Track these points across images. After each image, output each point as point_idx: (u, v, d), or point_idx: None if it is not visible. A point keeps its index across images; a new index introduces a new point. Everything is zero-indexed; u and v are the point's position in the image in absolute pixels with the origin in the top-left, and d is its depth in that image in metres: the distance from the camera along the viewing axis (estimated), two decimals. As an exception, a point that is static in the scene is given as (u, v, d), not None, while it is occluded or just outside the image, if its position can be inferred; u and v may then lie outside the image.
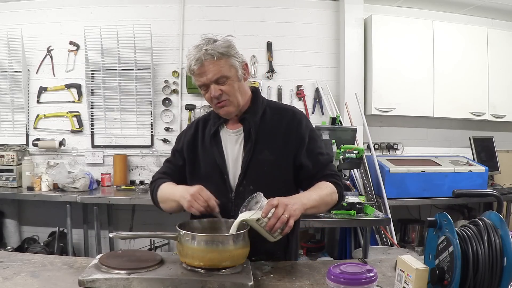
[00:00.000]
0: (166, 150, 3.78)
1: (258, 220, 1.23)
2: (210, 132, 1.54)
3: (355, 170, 3.40)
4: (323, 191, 1.44)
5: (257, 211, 1.24)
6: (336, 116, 3.15)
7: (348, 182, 3.13)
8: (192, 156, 1.57)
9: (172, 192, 1.45)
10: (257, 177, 1.47)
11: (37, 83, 3.79)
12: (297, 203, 1.29)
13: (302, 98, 3.93)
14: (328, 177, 1.49)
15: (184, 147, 1.59)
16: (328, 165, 1.54)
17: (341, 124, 3.24)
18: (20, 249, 3.52)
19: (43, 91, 3.80)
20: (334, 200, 1.48)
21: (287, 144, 1.49)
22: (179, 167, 1.59)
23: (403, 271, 1.11)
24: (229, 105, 1.46)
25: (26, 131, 3.79)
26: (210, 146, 1.53)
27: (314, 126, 1.63)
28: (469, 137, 3.89)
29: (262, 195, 1.28)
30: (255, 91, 1.59)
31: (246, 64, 1.50)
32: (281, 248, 1.52)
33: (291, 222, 1.23)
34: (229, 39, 1.46)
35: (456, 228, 1.08)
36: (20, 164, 3.50)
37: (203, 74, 1.41)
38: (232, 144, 1.53)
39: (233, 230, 1.26)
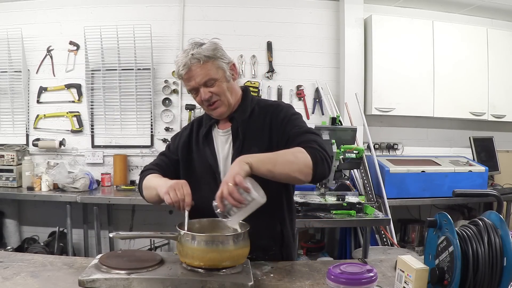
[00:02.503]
0: (166, 150, 3.78)
1: (226, 217, 1.22)
2: (202, 133, 1.57)
3: (355, 170, 3.40)
4: (284, 151, 1.35)
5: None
6: (336, 116, 3.14)
7: (348, 182, 3.13)
8: (187, 157, 1.59)
9: (155, 182, 1.46)
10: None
11: (37, 83, 3.79)
12: (235, 164, 1.25)
13: (302, 98, 3.93)
14: (300, 145, 1.37)
15: (179, 148, 1.61)
16: (303, 134, 1.43)
17: (341, 124, 3.22)
18: (20, 249, 3.52)
19: (43, 91, 3.79)
20: (301, 159, 1.32)
21: (272, 137, 1.50)
22: (173, 160, 1.61)
23: (403, 271, 1.11)
24: (221, 105, 1.48)
25: (26, 131, 3.79)
26: (202, 146, 1.56)
27: (314, 126, 1.61)
28: (469, 137, 3.89)
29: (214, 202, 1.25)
30: (245, 90, 1.61)
31: (234, 65, 1.52)
32: (277, 244, 1.53)
33: (237, 178, 1.17)
34: (215, 41, 1.47)
35: (456, 228, 1.08)
36: (20, 164, 3.50)
37: (191, 78, 1.43)
38: (223, 144, 1.55)
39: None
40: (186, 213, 1.31)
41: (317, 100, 3.94)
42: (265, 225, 1.47)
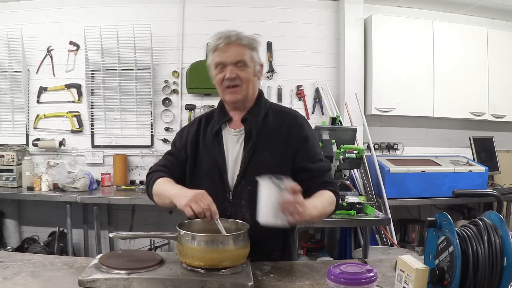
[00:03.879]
0: (166, 150, 3.74)
1: (280, 187, 1.19)
2: (212, 130, 1.54)
3: (355, 170, 3.40)
4: (326, 201, 1.43)
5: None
6: (336, 116, 3.15)
7: (348, 182, 3.13)
8: (194, 154, 1.56)
9: (169, 189, 1.43)
10: (256, 178, 1.46)
11: (37, 83, 3.79)
12: (309, 209, 1.27)
13: (302, 98, 3.93)
14: (327, 185, 1.49)
15: (188, 144, 1.58)
16: (327, 172, 1.55)
17: (341, 124, 3.23)
18: (20, 249, 3.51)
19: (43, 91, 3.79)
20: (331, 211, 1.48)
21: (287, 147, 1.50)
22: (181, 160, 1.57)
23: (403, 271, 1.11)
24: (239, 92, 1.47)
25: (26, 131, 3.79)
26: (211, 144, 1.53)
27: (314, 127, 1.64)
28: (469, 137, 3.89)
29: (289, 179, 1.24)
30: (260, 92, 1.60)
31: (262, 66, 1.56)
32: (278, 249, 1.52)
33: (298, 219, 1.20)
34: (257, 37, 1.53)
35: (456, 228, 1.08)
36: (20, 164, 3.50)
37: (226, 52, 1.44)
38: (233, 144, 1.53)
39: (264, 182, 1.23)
40: (218, 221, 1.30)
41: (317, 100, 3.94)
42: (269, 232, 1.46)
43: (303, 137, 1.51)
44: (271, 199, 1.20)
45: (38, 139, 3.74)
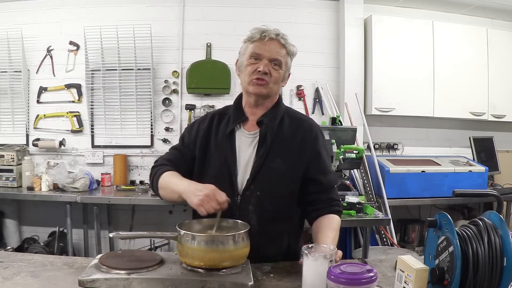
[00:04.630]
0: (166, 150, 3.72)
1: (330, 261, 1.18)
2: (226, 130, 1.51)
3: (355, 170, 3.40)
4: (337, 231, 1.46)
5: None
6: (336, 116, 3.15)
7: (348, 182, 3.13)
8: (203, 152, 1.53)
9: (177, 183, 1.40)
10: (266, 184, 1.45)
11: (37, 83, 3.79)
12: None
13: (302, 98, 3.93)
14: (333, 204, 1.51)
15: (197, 141, 1.55)
16: (335, 187, 1.57)
17: (341, 124, 3.23)
18: (20, 249, 3.51)
19: (43, 91, 3.79)
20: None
21: (300, 156, 1.49)
22: (188, 156, 1.55)
23: (403, 271, 1.11)
24: (266, 87, 1.47)
25: (26, 131, 3.79)
26: (223, 144, 1.50)
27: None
28: (469, 137, 3.89)
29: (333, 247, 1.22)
30: (280, 97, 1.60)
31: (289, 75, 1.58)
32: (281, 255, 1.51)
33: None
34: (296, 48, 1.56)
35: (456, 228, 1.08)
36: (20, 164, 3.50)
37: (267, 46, 1.46)
38: (246, 146, 1.50)
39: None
40: (218, 216, 1.31)
41: (317, 100, 3.94)
42: (274, 238, 1.47)
43: (317, 150, 1.52)
44: (322, 274, 1.15)
45: (38, 139, 3.74)
